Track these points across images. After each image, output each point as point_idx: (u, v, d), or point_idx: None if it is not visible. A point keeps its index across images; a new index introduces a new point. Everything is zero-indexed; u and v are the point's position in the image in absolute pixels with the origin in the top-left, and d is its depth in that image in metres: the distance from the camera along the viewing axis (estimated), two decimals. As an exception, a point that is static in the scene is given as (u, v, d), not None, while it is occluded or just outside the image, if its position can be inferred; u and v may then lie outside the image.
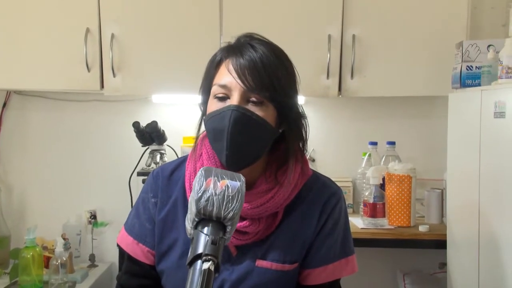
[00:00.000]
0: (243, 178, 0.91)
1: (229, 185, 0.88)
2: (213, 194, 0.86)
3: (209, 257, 0.81)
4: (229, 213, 0.86)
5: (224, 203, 0.86)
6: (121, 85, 2.21)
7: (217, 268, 0.81)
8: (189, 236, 0.88)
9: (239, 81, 1.06)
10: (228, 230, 0.86)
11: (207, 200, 0.86)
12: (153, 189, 1.24)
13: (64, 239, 2.22)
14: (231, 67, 1.08)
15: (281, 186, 1.13)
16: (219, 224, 0.86)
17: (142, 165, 2.46)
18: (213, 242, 0.82)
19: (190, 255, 0.82)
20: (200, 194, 0.86)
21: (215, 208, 0.85)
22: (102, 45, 2.20)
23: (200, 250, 0.82)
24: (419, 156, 2.47)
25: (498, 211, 1.53)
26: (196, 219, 0.86)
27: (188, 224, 0.88)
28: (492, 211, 1.56)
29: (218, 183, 0.88)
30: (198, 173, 0.90)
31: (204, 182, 0.88)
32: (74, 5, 2.18)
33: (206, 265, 0.80)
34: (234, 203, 0.86)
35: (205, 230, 0.84)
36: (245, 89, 1.06)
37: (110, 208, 2.58)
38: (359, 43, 2.19)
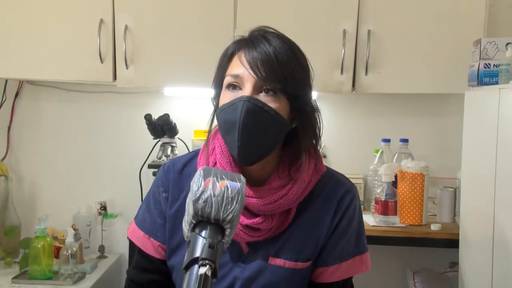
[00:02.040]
0: (243, 179, 0.88)
1: (228, 186, 0.84)
2: (212, 195, 0.82)
3: (206, 261, 0.77)
4: (228, 215, 0.82)
5: (223, 205, 0.82)
6: (134, 77, 2.20)
7: (214, 273, 0.77)
8: (186, 239, 0.84)
9: (251, 72, 1.05)
10: (227, 233, 0.83)
11: (205, 201, 0.82)
12: (164, 183, 1.22)
13: (74, 229, 2.23)
14: (243, 59, 1.07)
15: (294, 182, 1.11)
16: (217, 226, 0.82)
17: (153, 157, 2.46)
18: (211, 246, 0.79)
19: (186, 259, 0.79)
20: (198, 195, 0.82)
21: (213, 209, 0.82)
22: (116, 36, 2.19)
23: (197, 254, 0.78)
24: (432, 154, 2.45)
25: (514, 212, 1.51)
26: (194, 221, 0.83)
27: (185, 227, 0.85)
28: (508, 212, 1.54)
29: (217, 183, 0.84)
30: (197, 173, 0.87)
31: (202, 183, 0.84)
32: (88, -4, 2.18)
33: (202, 270, 0.76)
34: (234, 204, 0.82)
35: (203, 233, 0.81)
36: (257, 80, 1.05)
37: (120, 200, 2.58)
38: (374, 39, 2.16)
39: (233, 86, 1.08)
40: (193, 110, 2.53)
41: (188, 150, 2.45)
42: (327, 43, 2.16)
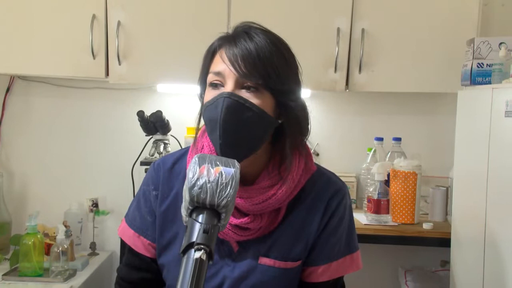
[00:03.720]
0: (237, 164, 0.90)
1: (223, 172, 0.87)
2: (207, 181, 0.85)
3: (201, 246, 0.80)
4: (222, 200, 0.85)
5: (218, 191, 0.85)
6: (126, 73, 2.19)
7: (210, 256, 0.81)
8: (184, 224, 0.87)
9: (232, 68, 1.04)
10: (222, 217, 0.86)
11: (201, 187, 0.85)
12: (154, 181, 1.21)
13: (65, 226, 2.22)
14: (224, 56, 1.06)
15: (283, 182, 1.10)
16: (213, 211, 0.85)
17: (145, 154, 2.45)
18: (205, 231, 0.82)
19: (183, 244, 0.82)
20: (193, 182, 0.85)
21: (208, 195, 0.85)
22: (108, 32, 2.17)
23: (193, 239, 0.81)
24: (424, 153, 2.44)
25: (505, 212, 1.51)
26: (190, 207, 0.86)
27: (183, 212, 0.88)
28: (500, 211, 1.55)
29: (212, 170, 0.87)
30: (192, 161, 0.89)
31: (197, 170, 0.87)
32: (80, -9, 2.16)
33: (197, 254, 0.79)
34: (228, 190, 0.86)
35: (199, 218, 0.84)
36: (238, 76, 1.04)
37: (112, 197, 2.57)
38: (368, 37, 2.16)
39: (215, 84, 1.07)
40: (186, 107, 2.52)
41: (181, 147, 2.44)
42: (320, 41, 2.16)
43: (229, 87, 1.04)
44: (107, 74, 2.20)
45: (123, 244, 2.14)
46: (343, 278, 1.23)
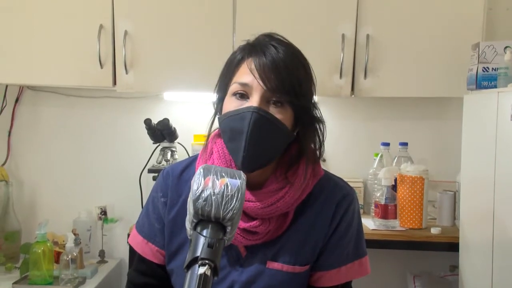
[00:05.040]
0: (243, 176, 0.88)
1: (228, 183, 0.84)
2: (212, 193, 0.83)
3: (206, 261, 0.78)
4: (228, 213, 0.82)
5: (223, 203, 0.82)
6: (134, 82, 2.21)
7: (215, 271, 0.78)
8: (189, 237, 0.85)
9: (260, 81, 1.05)
10: (228, 230, 0.83)
11: (205, 200, 0.82)
12: (163, 188, 1.23)
13: (74, 234, 2.23)
14: (253, 67, 1.07)
15: (291, 185, 1.11)
16: (218, 225, 0.82)
17: (153, 162, 2.46)
18: (210, 245, 0.79)
19: (187, 258, 0.79)
20: (198, 194, 0.83)
21: (213, 208, 0.82)
22: (115, 41, 2.20)
23: (197, 253, 0.79)
24: (431, 158, 2.45)
25: (513, 215, 1.51)
26: (195, 220, 0.83)
27: (187, 225, 0.86)
28: (508, 215, 1.54)
29: (217, 181, 0.84)
30: (197, 172, 0.87)
31: (202, 181, 0.84)
32: (88, 1, 2.19)
33: (201, 270, 0.76)
34: (234, 202, 0.83)
35: (204, 232, 0.81)
36: (266, 90, 1.05)
37: (120, 205, 2.58)
38: (373, 43, 2.17)
39: (240, 95, 1.08)
40: (193, 115, 2.54)
41: (188, 155, 2.46)
42: (325, 48, 2.16)
43: (255, 100, 1.06)
44: (114, 83, 2.23)
45: (131, 251, 2.15)
46: (351, 283, 1.23)
